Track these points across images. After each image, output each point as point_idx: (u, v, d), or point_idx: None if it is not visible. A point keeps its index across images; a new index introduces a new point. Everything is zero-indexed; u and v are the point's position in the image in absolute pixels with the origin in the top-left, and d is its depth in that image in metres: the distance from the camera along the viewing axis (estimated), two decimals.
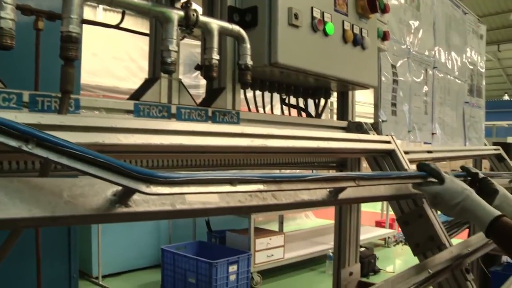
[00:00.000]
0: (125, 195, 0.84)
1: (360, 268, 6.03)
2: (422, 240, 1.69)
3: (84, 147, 0.74)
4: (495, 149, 3.38)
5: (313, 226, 8.39)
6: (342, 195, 1.16)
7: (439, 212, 4.33)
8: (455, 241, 1.77)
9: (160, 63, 1.23)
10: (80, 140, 0.94)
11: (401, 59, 2.29)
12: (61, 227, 2.85)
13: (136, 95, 1.31)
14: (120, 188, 0.82)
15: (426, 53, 2.58)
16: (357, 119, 1.97)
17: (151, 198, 0.88)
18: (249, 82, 1.39)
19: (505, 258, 3.91)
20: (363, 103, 6.47)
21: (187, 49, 5.51)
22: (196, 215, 0.94)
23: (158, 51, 1.30)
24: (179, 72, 1.39)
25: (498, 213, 1.29)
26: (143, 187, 0.78)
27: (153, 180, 0.79)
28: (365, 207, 8.38)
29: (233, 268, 5.37)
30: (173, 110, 1.31)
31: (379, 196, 1.33)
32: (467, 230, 4.32)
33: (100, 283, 5.64)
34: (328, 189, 1.13)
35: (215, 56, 1.31)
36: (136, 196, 0.86)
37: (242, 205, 0.97)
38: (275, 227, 7.63)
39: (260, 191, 0.97)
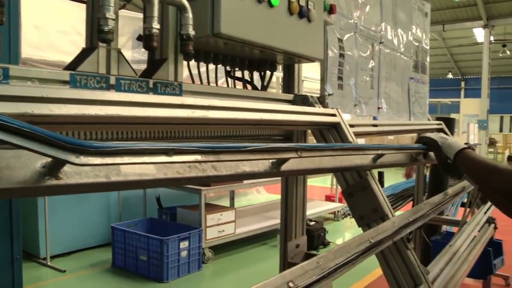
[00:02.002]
0: (54, 167, 0.80)
1: (311, 241, 6.20)
2: (366, 212, 1.74)
3: (11, 118, 0.69)
4: (438, 124, 3.49)
5: (264, 201, 8.50)
6: (284, 167, 1.16)
7: (385, 185, 4.46)
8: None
9: (97, 32, 1.18)
10: (8, 110, 0.88)
11: (348, 33, 2.30)
12: (1, 205, 2.74)
13: (72, 65, 1.25)
14: (50, 159, 0.79)
15: (373, 28, 2.61)
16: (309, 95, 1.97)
17: (83, 170, 0.85)
18: (191, 53, 1.36)
19: (445, 228, 4.10)
20: (315, 80, 6.53)
21: (137, 23, 5.36)
22: (133, 187, 0.91)
23: (95, 19, 1.24)
24: (129, 46, 1.34)
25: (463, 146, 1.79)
26: (73, 158, 0.74)
27: (83, 150, 0.75)
28: (315, 182, 8.60)
29: (184, 244, 5.38)
30: (112, 81, 1.26)
31: (322, 168, 1.34)
32: (411, 203, 4.49)
33: (49, 264, 5.52)
34: (270, 161, 1.12)
35: (156, 26, 1.26)
36: (67, 168, 0.82)
37: (181, 176, 0.95)
38: (226, 202, 7.68)
39: (199, 162, 0.96)
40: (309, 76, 7.51)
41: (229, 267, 5.86)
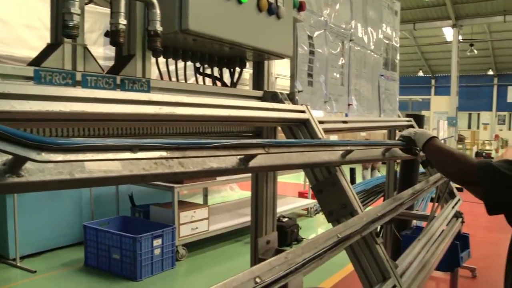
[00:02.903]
0: (15, 164, 0.78)
1: (284, 237, 6.22)
2: (335, 207, 1.76)
3: None
4: (407, 121, 3.55)
5: (237, 198, 8.50)
6: (252, 163, 1.16)
7: (357, 181, 4.52)
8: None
9: (62, 27, 1.16)
10: None
11: (318, 30, 2.32)
12: None
13: (36, 60, 1.23)
14: (10, 157, 0.77)
15: (343, 26, 2.63)
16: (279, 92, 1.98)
17: (46, 167, 0.84)
18: (159, 49, 1.35)
19: (415, 223, 4.18)
20: (288, 77, 6.54)
21: (108, 19, 5.27)
22: (98, 184, 0.90)
23: (60, 14, 1.22)
24: (101, 43, 1.32)
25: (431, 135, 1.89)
26: (34, 155, 0.73)
27: (45, 147, 0.74)
28: (288, 179, 8.64)
29: (157, 242, 5.35)
30: (78, 77, 1.24)
31: (291, 164, 1.35)
32: (382, 198, 4.55)
33: (18, 264, 5.41)
34: (238, 157, 1.12)
35: (122, 21, 1.26)
36: (29, 165, 0.81)
37: (147, 173, 0.95)
38: (200, 200, 7.66)
39: (165, 158, 0.95)
40: (282, 74, 7.54)
41: (203, 264, 5.84)
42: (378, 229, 4.53)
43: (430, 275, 2.50)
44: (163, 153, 0.89)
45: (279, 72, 9.08)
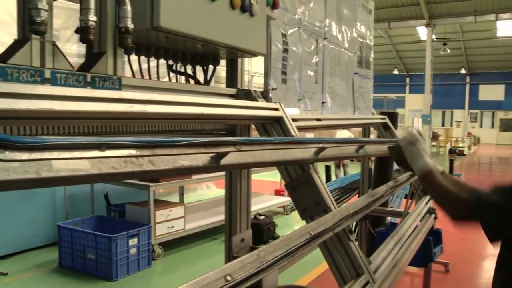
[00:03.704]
0: None
1: (260, 235, 6.24)
2: (309, 204, 1.76)
3: None
4: (381, 118, 3.59)
5: (214, 196, 8.49)
6: (224, 161, 1.15)
7: (333, 178, 4.58)
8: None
9: (29, 23, 1.13)
10: None
11: (292, 28, 2.32)
12: None
13: (3, 57, 1.20)
14: None
15: (317, 24, 2.65)
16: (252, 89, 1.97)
17: (11, 166, 0.82)
18: (130, 46, 1.34)
19: (389, 219, 4.23)
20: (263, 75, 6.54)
21: None
22: (66, 183, 0.88)
23: (27, 9, 1.20)
24: (75, 40, 1.30)
25: (430, 168, 1.86)
26: None
27: (9, 146, 0.73)
28: (265, 176, 8.64)
29: (133, 241, 5.31)
30: (47, 74, 1.22)
31: (264, 161, 1.35)
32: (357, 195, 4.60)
33: None
34: (209, 155, 1.12)
35: (92, 18, 1.23)
36: None
37: (116, 171, 0.93)
38: (176, 198, 7.62)
39: (135, 156, 0.94)
40: (259, 72, 7.55)
41: (179, 263, 5.82)
42: (354, 226, 4.59)
43: (404, 270, 2.53)
44: (132, 151, 0.88)
45: (256, 70, 9.08)
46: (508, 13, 20.57)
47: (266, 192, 9.10)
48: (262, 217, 6.67)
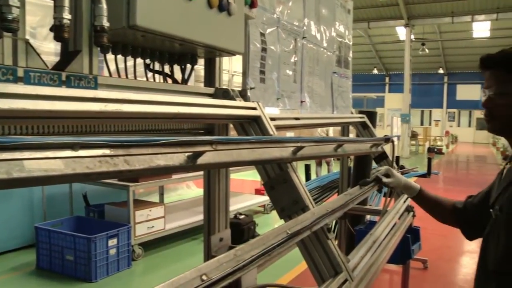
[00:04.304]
0: None
1: (240, 235, 6.24)
2: (287, 204, 1.77)
3: None
4: (360, 117, 3.62)
5: (194, 196, 8.46)
6: (201, 160, 1.15)
7: (313, 177, 4.56)
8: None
9: (0, 20, 1.11)
10: None
11: (270, 28, 2.32)
12: None
13: None
14: None
15: (296, 23, 2.65)
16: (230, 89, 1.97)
17: None
18: (105, 45, 1.32)
19: (368, 217, 4.27)
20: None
21: None
22: (39, 183, 0.87)
23: None
24: (52, 38, 1.27)
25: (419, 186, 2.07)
26: None
27: None
28: (245, 176, 8.64)
29: (112, 242, 5.27)
30: (20, 73, 1.19)
31: (241, 161, 1.34)
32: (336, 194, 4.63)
33: None
34: (186, 154, 1.11)
35: (67, 16, 1.22)
36: None
37: (91, 171, 0.92)
38: (156, 198, 7.58)
39: (110, 156, 0.93)
40: (239, 71, 7.53)
41: (160, 263, 5.79)
42: (333, 225, 4.62)
43: (383, 268, 2.55)
44: (106, 151, 0.87)
45: (236, 70, 9.07)
46: (483, 14, 20.99)
47: (247, 192, 9.11)
48: (243, 216, 6.68)
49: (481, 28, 25.62)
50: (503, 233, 1.53)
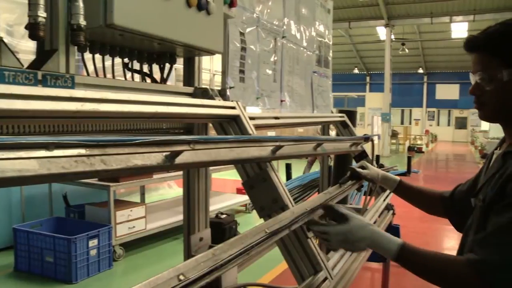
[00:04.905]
0: None
1: (222, 234, 6.23)
2: (266, 203, 1.77)
3: None
4: (340, 117, 3.64)
5: (175, 196, 8.43)
6: (179, 160, 1.15)
7: (302, 173, 4.56)
8: None
9: None
10: None
11: (250, 27, 2.33)
12: None
13: None
14: None
15: (276, 23, 2.66)
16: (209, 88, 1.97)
17: None
18: (82, 44, 1.31)
19: None
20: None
21: None
22: (14, 183, 0.86)
23: None
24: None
25: (399, 242, 1.43)
26: None
27: None
28: (227, 175, 8.61)
29: (93, 242, 5.22)
30: None
31: (220, 160, 1.34)
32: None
33: None
34: (164, 154, 1.11)
35: (42, 14, 1.20)
36: None
37: (67, 171, 0.91)
38: (137, 198, 7.53)
39: (86, 156, 0.92)
40: (220, 70, 7.52)
41: (141, 264, 5.76)
42: None
43: (363, 266, 2.57)
44: (82, 151, 0.86)
45: (217, 69, 9.06)
46: (461, 16, 21.34)
47: (228, 191, 9.10)
48: (224, 215, 6.66)
49: (459, 29, 26.02)
50: (477, 223, 1.38)
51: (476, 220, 1.43)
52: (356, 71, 37.60)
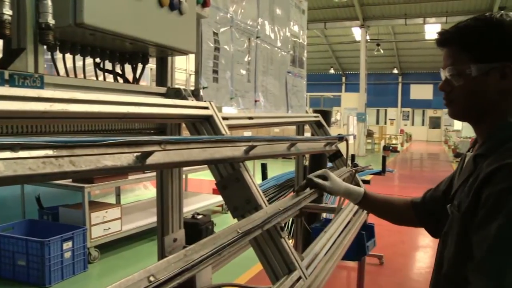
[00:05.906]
0: None
1: (198, 234, 6.19)
2: (240, 203, 1.77)
3: None
4: (315, 117, 3.67)
5: (151, 197, 8.36)
6: (150, 160, 1.14)
7: (279, 172, 4.49)
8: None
9: None
10: None
11: (223, 27, 2.33)
12: None
13: None
14: None
15: (250, 23, 2.66)
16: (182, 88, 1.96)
17: None
18: (51, 43, 1.29)
19: (324, 215, 4.33)
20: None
21: None
22: None
23: None
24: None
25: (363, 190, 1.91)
26: None
27: None
28: (204, 176, 8.55)
29: (67, 245, 5.14)
30: None
31: (192, 160, 1.34)
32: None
33: None
34: (134, 154, 1.10)
35: (7, 11, 1.18)
36: None
37: (34, 173, 0.90)
38: (112, 199, 7.45)
39: (54, 157, 0.91)
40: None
41: (117, 265, 5.69)
42: (290, 223, 4.66)
43: (339, 264, 2.59)
44: (49, 152, 0.85)
45: (194, 69, 8.98)
46: (434, 17, 21.74)
47: (205, 191, 9.06)
48: (200, 216, 6.63)
49: (433, 30, 26.44)
50: (457, 232, 1.32)
51: (455, 228, 1.35)
52: (332, 71, 37.90)
